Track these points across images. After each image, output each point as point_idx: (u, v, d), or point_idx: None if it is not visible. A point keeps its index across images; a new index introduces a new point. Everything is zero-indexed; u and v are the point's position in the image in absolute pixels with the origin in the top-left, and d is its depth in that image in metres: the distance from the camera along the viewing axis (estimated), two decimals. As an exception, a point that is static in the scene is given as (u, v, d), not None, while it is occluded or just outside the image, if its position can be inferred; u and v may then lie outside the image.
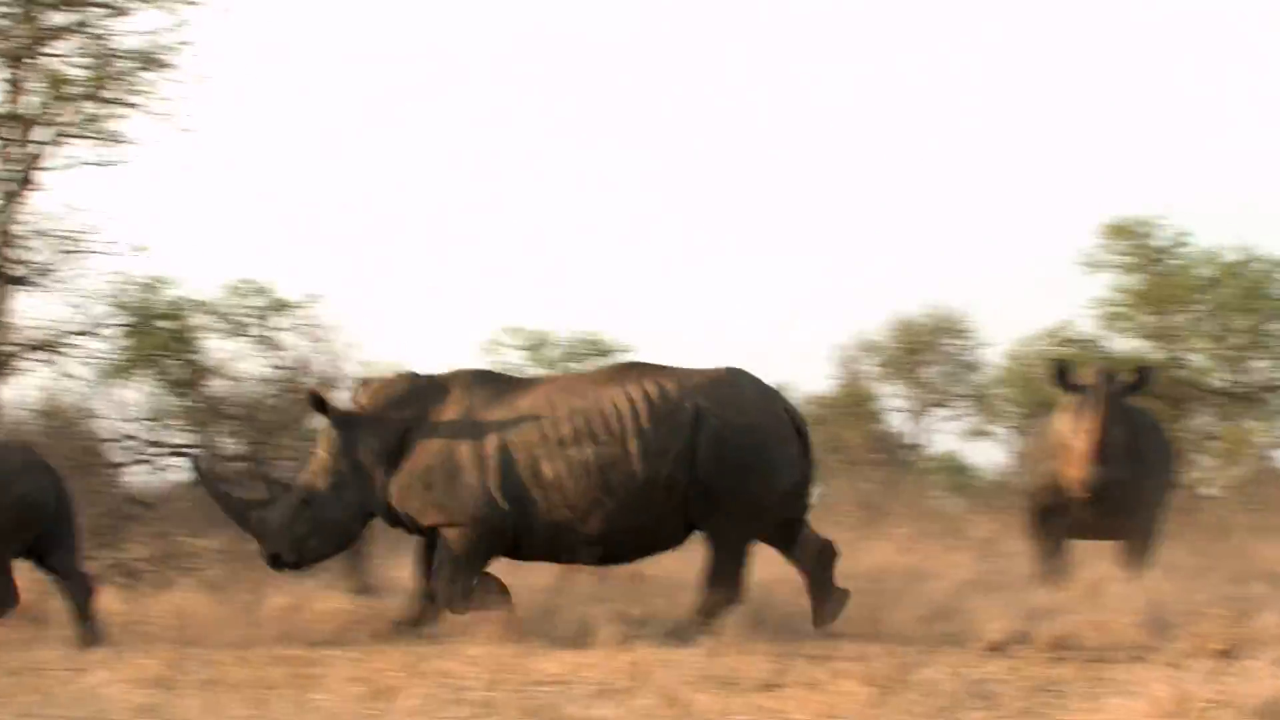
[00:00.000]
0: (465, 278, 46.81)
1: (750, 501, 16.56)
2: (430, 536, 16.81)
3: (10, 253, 19.18)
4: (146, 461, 20.64)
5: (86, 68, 19.26)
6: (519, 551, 17.02)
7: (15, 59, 18.94)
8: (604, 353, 26.59)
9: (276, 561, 17.16)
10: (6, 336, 19.19)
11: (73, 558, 16.92)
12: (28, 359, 19.70)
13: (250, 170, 48.21)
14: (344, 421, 17.12)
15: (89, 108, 19.38)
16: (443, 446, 16.81)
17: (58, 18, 19.20)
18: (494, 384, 17.37)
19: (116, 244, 19.91)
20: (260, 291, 23.55)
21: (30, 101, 19.20)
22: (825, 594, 16.58)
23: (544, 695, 12.00)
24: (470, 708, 11.23)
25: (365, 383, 17.78)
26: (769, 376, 17.28)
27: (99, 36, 19.28)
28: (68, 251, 19.60)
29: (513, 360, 26.13)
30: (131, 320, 21.22)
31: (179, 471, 21.35)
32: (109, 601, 17.54)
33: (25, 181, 19.15)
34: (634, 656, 13.44)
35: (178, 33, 19.49)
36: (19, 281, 19.24)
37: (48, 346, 19.67)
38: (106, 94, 19.36)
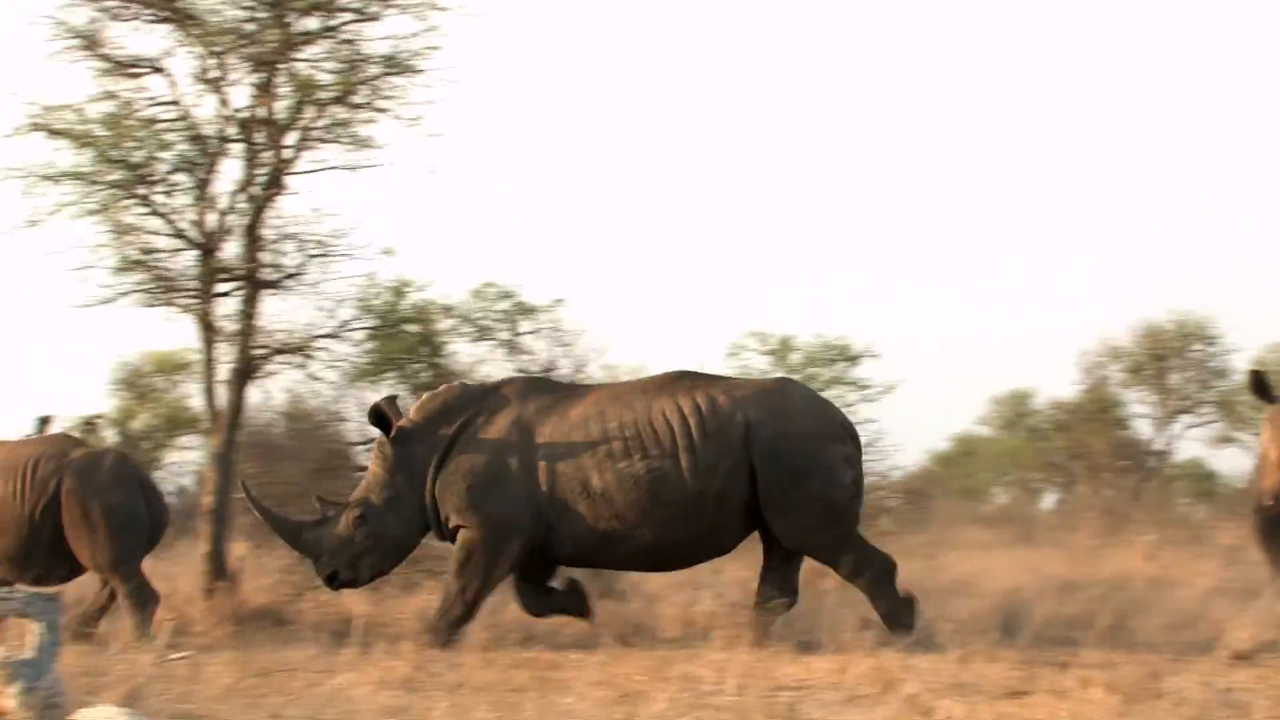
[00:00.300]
0: (711, 281, 46.82)
1: (818, 503, 16.57)
2: None
3: (260, 256, 19.44)
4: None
5: (336, 73, 19.47)
6: (562, 559, 17.24)
7: (265, 64, 19.26)
8: (849, 358, 26.27)
9: (333, 580, 17.38)
10: (255, 340, 19.46)
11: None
12: (276, 362, 19.97)
13: (498, 173, 48.72)
14: (400, 437, 17.35)
15: (338, 112, 19.58)
16: (490, 452, 16.96)
17: (308, 23, 19.44)
18: (547, 392, 17.55)
19: (364, 248, 20.07)
20: (506, 295, 23.78)
21: (279, 106, 19.46)
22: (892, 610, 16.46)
23: (790, 700, 11.84)
24: (716, 712, 11.13)
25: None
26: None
27: (348, 41, 19.52)
28: (316, 255, 19.87)
29: (756, 365, 25.90)
30: (378, 324, 21.43)
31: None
32: (355, 604, 17.80)
33: (274, 185, 19.44)
34: (879, 662, 13.21)
35: (426, 38, 19.58)
36: (268, 285, 19.56)
37: (296, 350, 19.97)
38: (355, 99, 19.54)
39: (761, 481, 16.55)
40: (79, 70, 19.73)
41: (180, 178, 19.60)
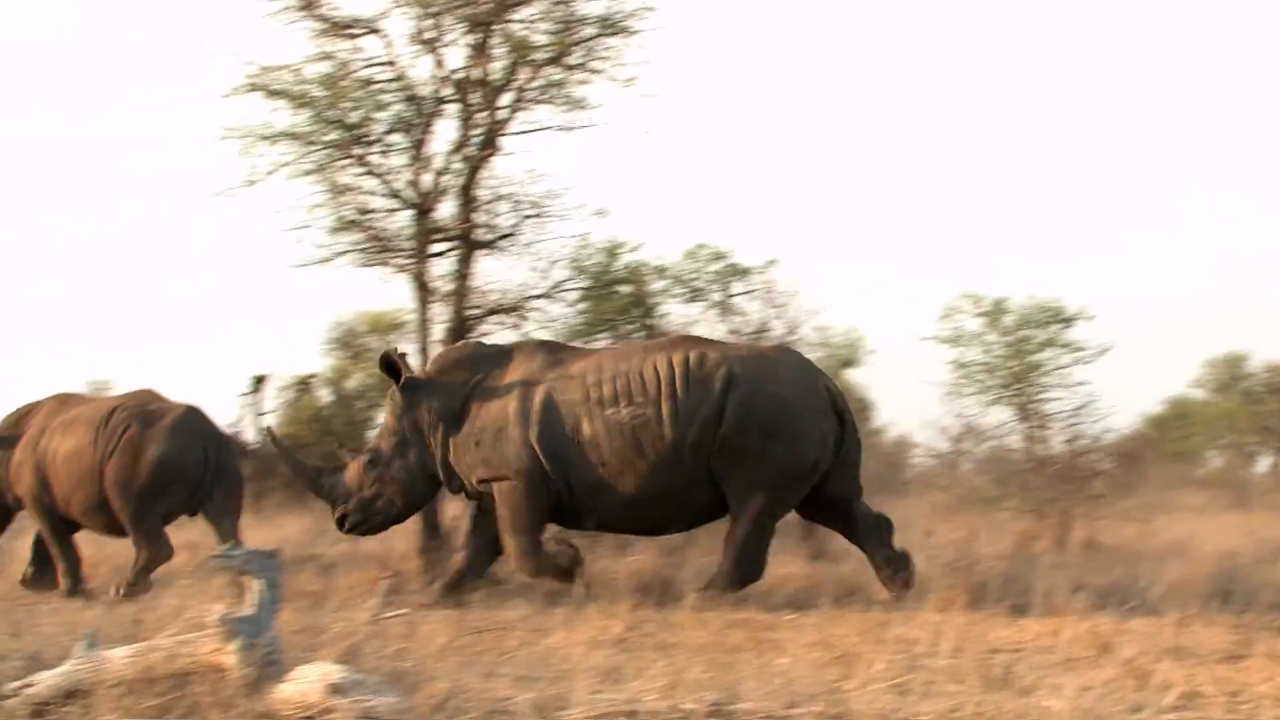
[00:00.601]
0: (925, 242, 46.38)
1: (773, 466, 16.58)
2: (480, 500, 17.35)
3: (475, 217, 19.51)
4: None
5: (550, 33, 19.45)
6: (563, 515, 17.34)
7: (481, 25, 19.31)
8: (1063, 321, 25.71)
9: (343, 523, 17.84)
10: (469, 300, 19.55)
11: (228, 520, 18.76)
12: (489, 323, 20.05)
13: (712, 133, 48.64)
14: (409, 385, 17.73)
15: (552, 73, 19.58)
16: (496, 407, 17.25)
17: (524, -17, 19.44)
18: (555, 351, 17.75)
19: (578, 208, 20.09)
20: (719, 256, 23.63)
21: (494, 67, 19.50)
22: (891, 565, 16.57)
23: (1005, 663, 11.59)
24: (931, 674, 10.94)
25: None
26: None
27: (563, 2, 19.54)
28: (530, 216, 19.99)
29: (969, 327, 25.44)
30: (591, 284, 21.42)
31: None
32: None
33: (489, 146, 19.50)
34: (1094, 626, 12.93)
35: (641, -2, 19.52)
36: (483, 245, 19.65)
37: (509, 310, 20.06)
38: (570, 60, 19.53)
39: (726, 427, 16.67)
40: (296, 31, 19.95)
41: (396, 138, 19.81)
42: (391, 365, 17.80)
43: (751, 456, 16.60)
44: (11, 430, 19.22)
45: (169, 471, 18.41)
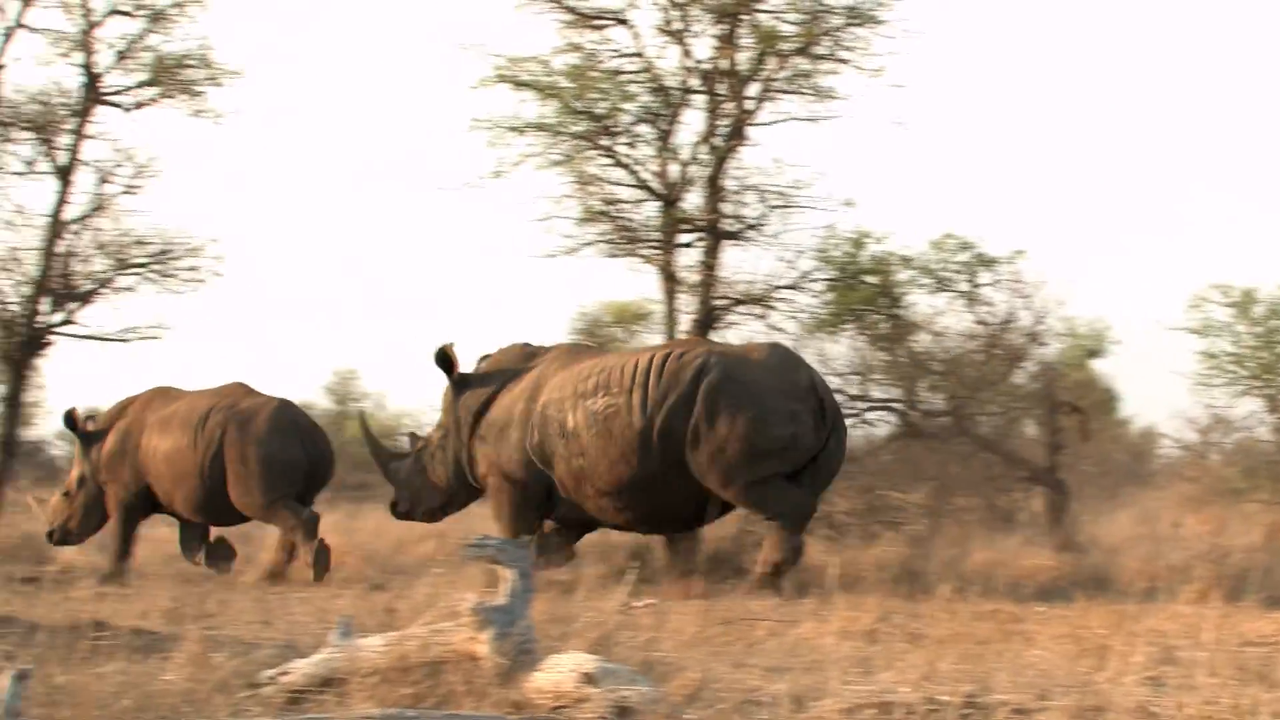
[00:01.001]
0: (1175, 233, 45.38)
1: (743, 444, 16.65)
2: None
3: (722, 208, 19.50)
4: (851, 416, 20.60)
5: (798, 24, 19.36)
6: (555, 509, 17.84)
7: (728, 15, 19.33)
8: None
9: (395, 509, 18.84)
10: (716, 290, 19.52)
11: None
12: (737, 312, 19.99)
13: (961, 122, 48.15)
14: (458, 381, 18.40)
15: (800, 63, 19.49)
16: (506, 406, 17.85)
17: (775, -27, 19.42)
18: (576, 354, 18.20)
19: (825, 198, 19.95)
20: (965, 246, 23.30)
21: (741, 58, 19.48)
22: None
23: (1260, 656, 11.25)
24: (1184, 667, 10.60)
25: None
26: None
27: (793, -9, 19.38)
28: (777, 206, 19.96)
29: (1218, 317, 24.75)
30: (837, 275, 21.24)
31: (884, 426, 21.40)
32: (814, 552, 17.72)
33: (736, 136, 19.49)
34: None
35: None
36: (730, 236, 19.64)
37: (756, 300, 19.98)
38: (818, 50, 19.41)
39: (695, 418, 16.79)
40: (544, 23, 20.13)
41: (643, 129, 20.00)
42: (446, 360, 18.40)
43: (722, 443, 16.72)
44: (110, 422, 19.74)
45: (275, 468, 18.81)
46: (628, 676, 8.92)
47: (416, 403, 37.66)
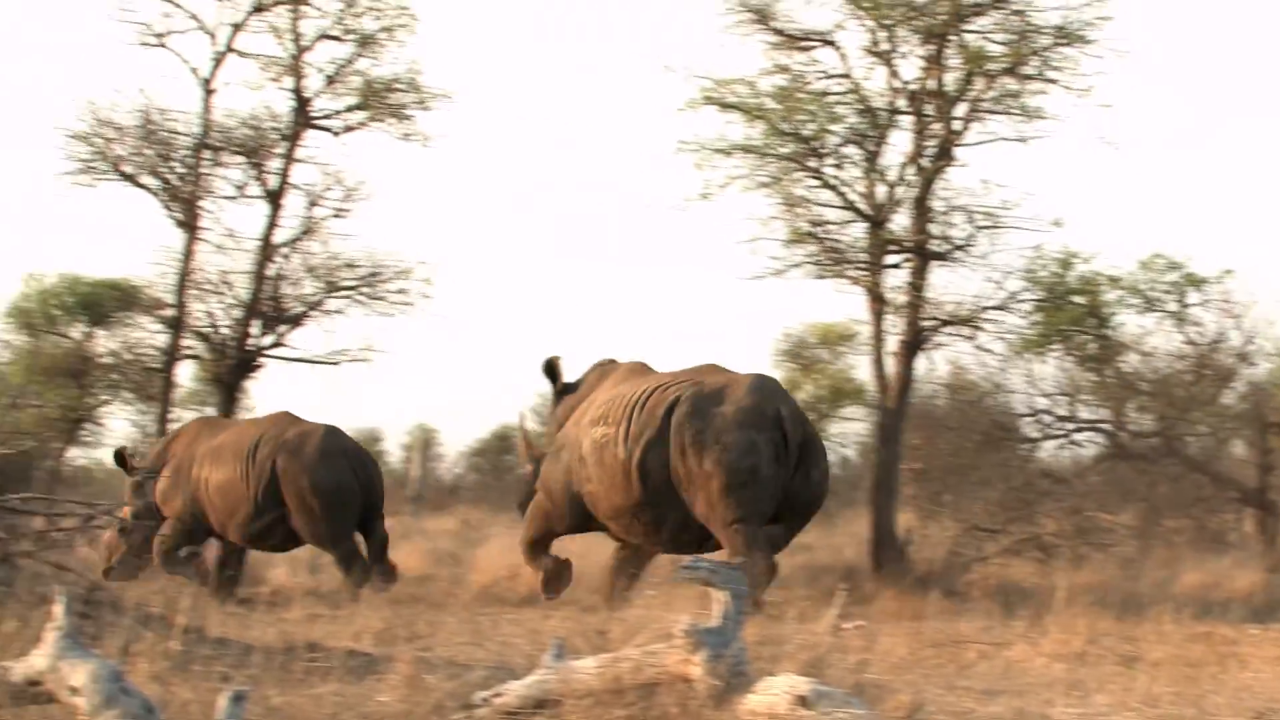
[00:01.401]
0: None
1: (715, 478, 16.86)
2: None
3: (929, 228, 19.43)
4: (1059, 436, 20.41)
5: (1006, 44, 19.25)
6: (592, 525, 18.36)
7: (935, 36, 19.27)
8: None
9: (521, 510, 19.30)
10: (924, 311, 19.45)
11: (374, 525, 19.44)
12: (944, 334, 19.88)
13: (1170, 141, 47.37)
14: (558, 392, 19.06)
15: (1008, 83, 19.38)
16: (570, 426, 18.35)
17: (981, -7, 19.34)
18: (626, 376, 18.45)
19: (1032, 219, 19.81)
20: (1174, 266, 22.98)
21: (949, 78, 19.41)
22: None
23: None
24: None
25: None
26: None
27: (1019, 12, 19.28)
28: (985, 227, 19.87)
29: None
30: (1045, 295, 21.05)
31: (1092, 447, 21.17)
32: (1023, 574, 17.60)
33: (944, 157, 19.43)
34: None
35: (1098, 7, 19.15)
36: (938, 257, 19.57)
37: (964, 321, 19.88)
38: (1025, 70, 19.30)
39: (670, 452, 17.14)
40: (751, 44, 20.21)
41: (850, 150, 19.90)
42: (552, 371, 19.06)
43: (698, 476, 16.99)
44: (159, 457, 19.97)
45: (329, 496, 18.89)
46: (842, 699, 8.91)
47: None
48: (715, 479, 16.88)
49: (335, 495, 19.18)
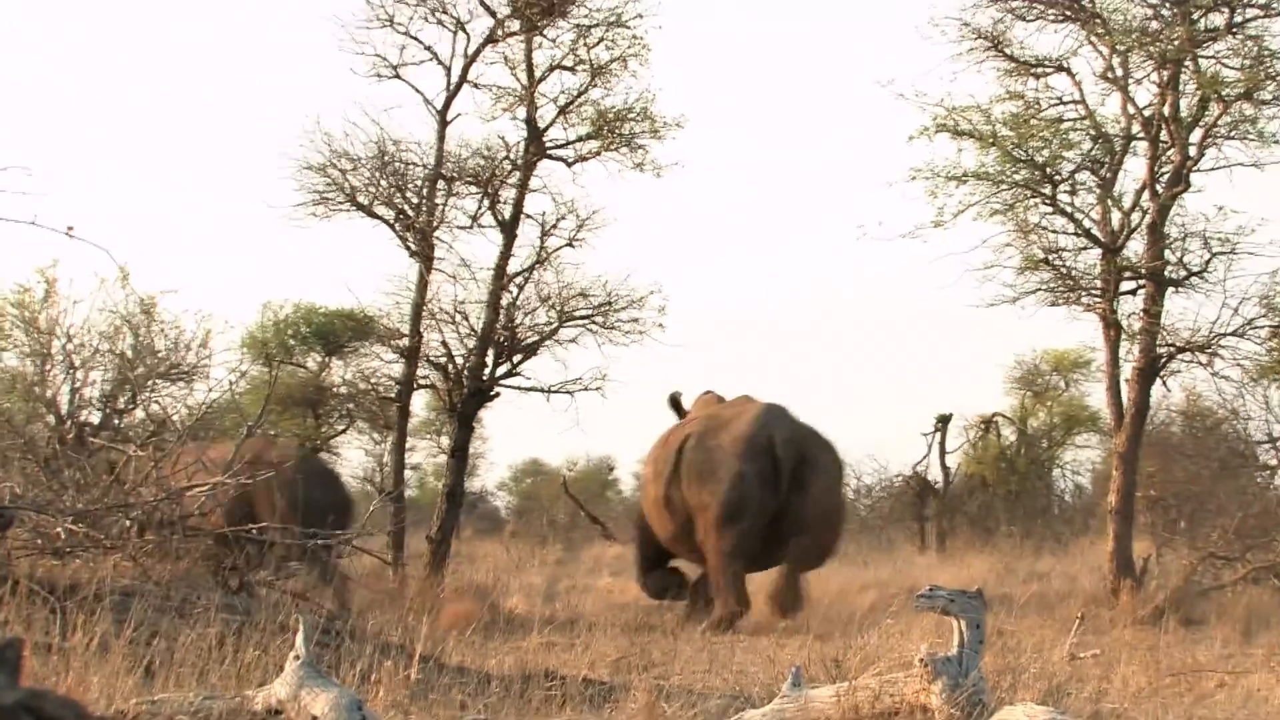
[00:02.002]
0: None
1: (707, 509, 18.55)
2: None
3: (1164, 254, 19.31)
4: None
5: (1241, 69, 19.08)
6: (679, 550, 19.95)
7: (1170, 62, 19.15)
8: None
9: None
10: (1160, 338, 19.31)
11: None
12: (1179, 360, 19.74)
13: None
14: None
15: (1244, 108, 19.21)
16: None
17: (1213, 19, 19.20)
18: (700, 407, 20.49)
19: (1269, 244, 19.69)
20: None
21: (1184, 103, 19.29)
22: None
23: None
24: None
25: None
26: None
27: (1255, 37, 19.17)
28: (1220, 253, 19.63)
29: None
30: (1281, 322, 20.73)
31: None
32: (1261, 602, 17.39)
33: (1178, 183, 19.30)
34: None
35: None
36: (1173, 283, 19.43)
37: (1200, 348, 19.69)
38: (1262, 95, 19.12)
39: (680, 483, 18.92)
40: (983, 71, 20.30)
41: (1084, 176, 19.90)
42: (675, 406, 20.71)
43: (696, 506, 18.68)
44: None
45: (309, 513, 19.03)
46: (1081, 729, 8.99)
47: (855, 451, 37.92)
48: (710, 510, 18.46)
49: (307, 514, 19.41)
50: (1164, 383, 20.29)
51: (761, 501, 18.48)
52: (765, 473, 18.45)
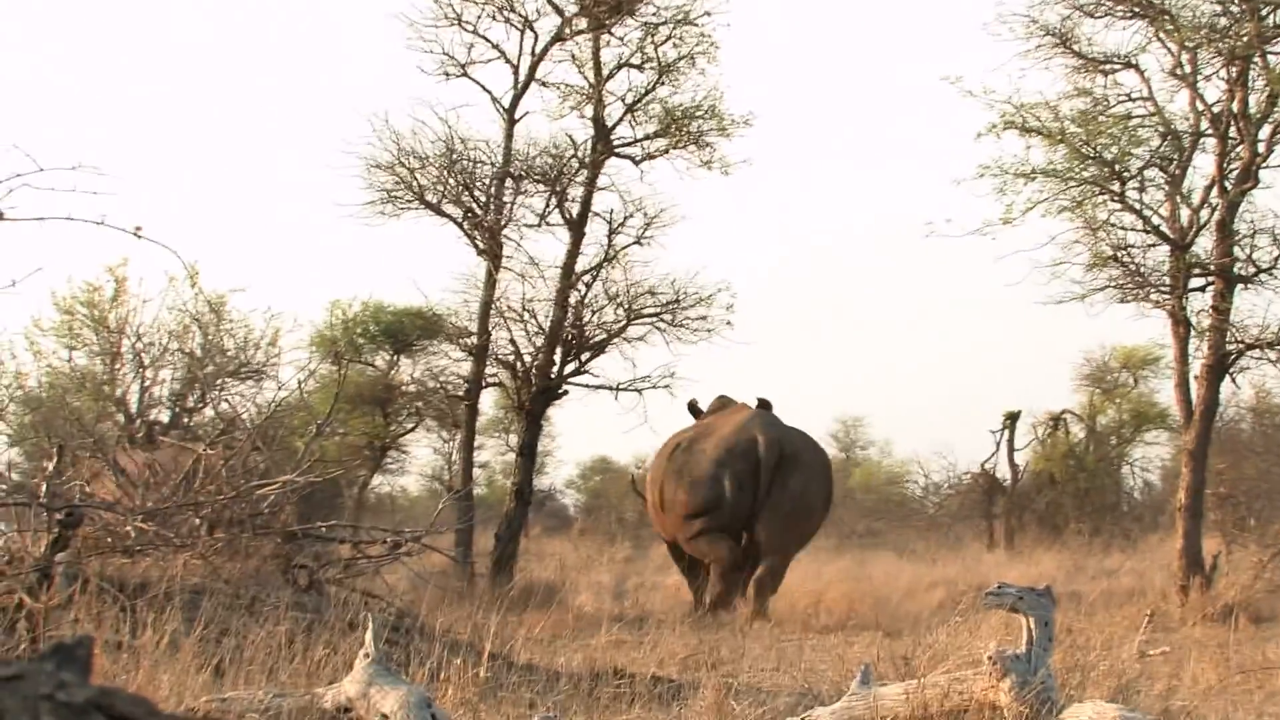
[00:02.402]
0: None
1: (680, 504, 19.94)
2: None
3: (1233, 251, 19.21)
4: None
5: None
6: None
7: (1239, 58, 19.05)
8: None
9: None
10: (1229, 335, 19.20)
11: None
12: (1248, 357, 19.63)
13: None
14: None
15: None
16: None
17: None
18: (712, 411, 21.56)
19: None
20: None
21: (1252, 100, 19.15)
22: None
23: None
24: None
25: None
26: None
27: (1324, 32, 18.95)
28: (1289, 250, 19.33)
29: None
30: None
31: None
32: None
33: (1248, 179, 19.18)
34: None
35: None
36: (1242, 280, 19.33)
37: (1269, 345, 19.61)
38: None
39: (667, 485, 20.21)
40: (1051, 67, 20.25)
41: (1153, 173, 19.76)
42: (694, 410, 21.56)
43: (672, 503, 20.07)
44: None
45: None
46: (1150, 727, 8.94)
47: (923, 449, 37.79)
48: (681, 507, 19.76)
49: None
50: (1233, 379, 20.16)
51: (735, 502, 19.62)
52: (743, 474, 19.60)
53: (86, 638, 3.16)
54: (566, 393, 23.19)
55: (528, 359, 23.08)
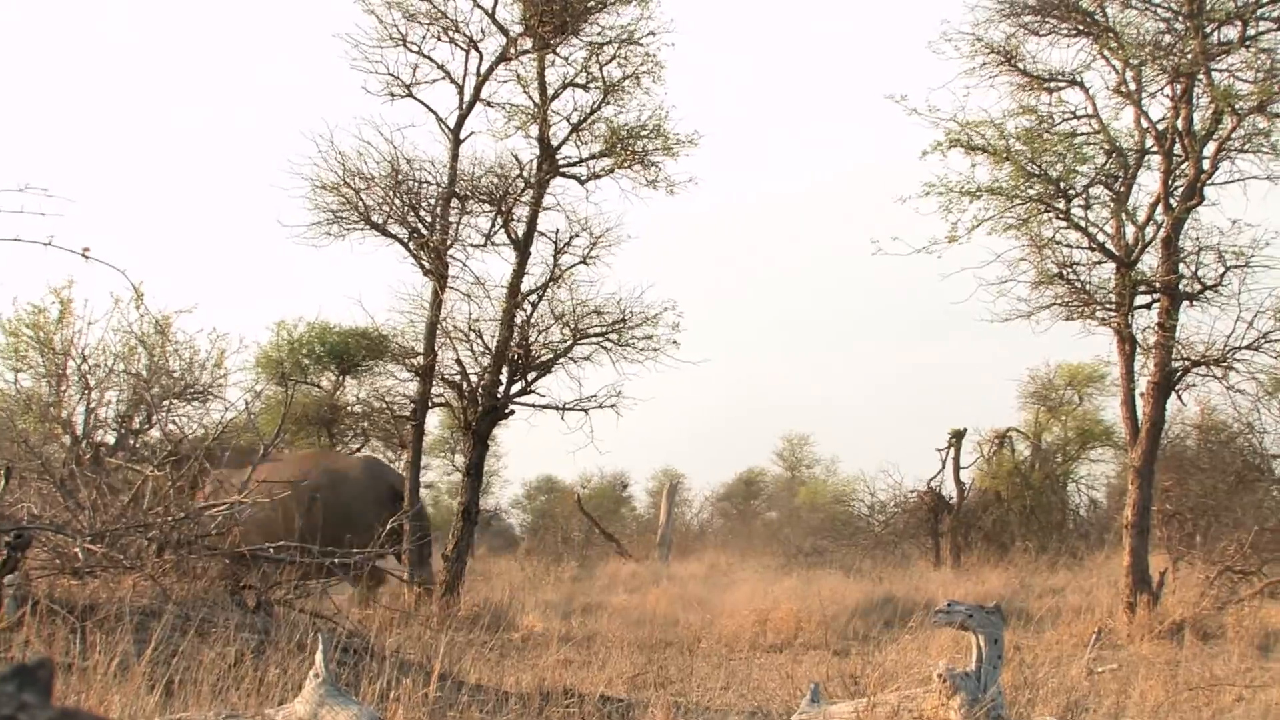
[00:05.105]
0: None
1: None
2: None
3: (1178, 268, 19.34)
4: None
5: (1254, 81, 19.08)
6: None
7: (1184, 75, 19.18)
8: None
9: None
10: (1175, 352, 19.34)
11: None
12: (1194, 374, 19.76)
13: None
14: None
15: (1257, 121, 19.24)
16: None
17: (1226, 33, 19.23)
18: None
19: (1287, 257, 19.57)
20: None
21: (1197, 117, 19.33)
22: None
23: None
24: None
25: None
26: None
27: (1267, 50, 19.21)
28: (1235, 266, 19.67)
29: None
30: (1297, 335, 20.78)
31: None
32: (1278, 616, 17.41)
33: (1193, 196, 19.31)
34: None
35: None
36: (1188, 297, 19.43)
37: (1215, 362, 19.68)
38: (1275, 108, 19.16)
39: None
40: (996, 85, 20.41)
41: (1098, 190, 19.89)
42: None
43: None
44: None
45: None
46: (1102, 744, 9.01)
47: (869, 467, 37.97)
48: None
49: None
50: (1179, 396, 20.30)
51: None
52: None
53: (47, 659, 3.16)
54: (513, 412, 23.17)
55: (474, 379, 23.03)
